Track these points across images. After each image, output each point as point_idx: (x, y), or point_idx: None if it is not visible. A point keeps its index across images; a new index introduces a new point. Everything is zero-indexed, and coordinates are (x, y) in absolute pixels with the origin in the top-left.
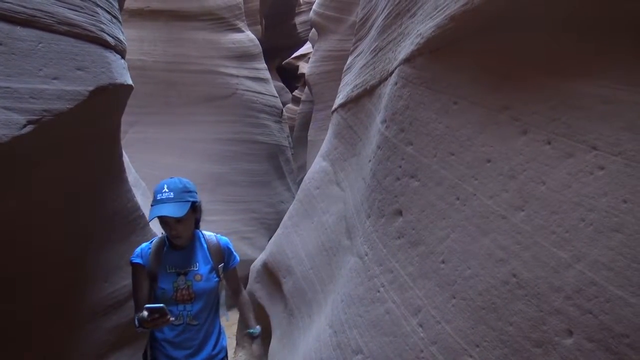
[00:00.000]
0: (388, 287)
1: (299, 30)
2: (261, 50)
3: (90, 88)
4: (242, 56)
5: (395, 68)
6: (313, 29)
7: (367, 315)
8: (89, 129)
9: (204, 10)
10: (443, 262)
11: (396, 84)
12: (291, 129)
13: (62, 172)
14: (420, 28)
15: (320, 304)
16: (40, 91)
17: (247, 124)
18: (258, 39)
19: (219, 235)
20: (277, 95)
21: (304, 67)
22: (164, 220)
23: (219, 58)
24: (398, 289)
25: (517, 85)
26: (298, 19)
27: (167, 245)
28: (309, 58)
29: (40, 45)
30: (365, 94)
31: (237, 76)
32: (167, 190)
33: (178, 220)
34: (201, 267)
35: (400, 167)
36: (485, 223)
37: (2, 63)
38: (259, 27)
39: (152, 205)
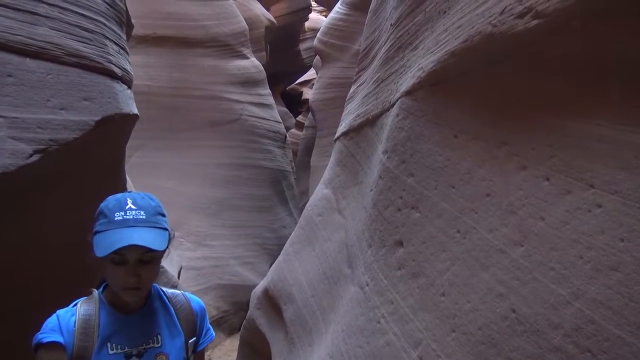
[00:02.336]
0: (389, 319)
1: (303, 57)
2: (265, 76)
3: (97, 118)
4: (247, 82)
5: (397, 100)
6: (317, 56)
7: (367, 347)
8: (94, 158)
9: (210, 37)
10: (443, 294)
11: (398, 115)
12: (294, 153)
13: (65, 201)
14: (422, 62)
15: (320, 333)
16: (47, 121)
17: (251, 149)
18: (263, 65)
19: (188, 293)
20: (280, 120)
21: (308, 93)
22: (121, 260)
23: (224, 84)
24: (399, 320)
25: (515, 122)
26: (302, 45)
27: (108, 308)
28: (313, 84)
29: (49, 76)
30: (367, 124)
31: (242, 102)
32: (134, 208)
33: (147, 260)
34: (166, 342)
35: (401, 198)
36: (485, 257)
37: (12, 94)
38: (263, 53)
39: (104, 230)
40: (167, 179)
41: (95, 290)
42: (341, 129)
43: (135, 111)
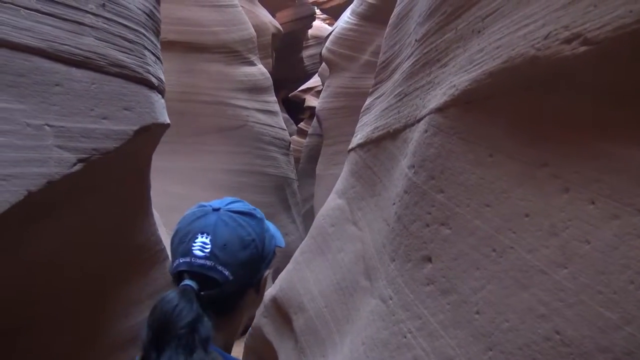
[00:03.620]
0: (416, 334)
1: (306, 64)
2: (272, 83)
3: (135, 128)
4: (254, 89)
5: (425, 116)
6: (323, 64)
7: None
8: (125, 166)
9: (219, 43)
10: (478, 312)
11: (426, 131)
12: (296, 160)
13: (94, 210)
14: (454, 80)
15: (335, 344)
16: (90, 130)
17: (256, 155)
18: (268, 72)
19: None
20: (285, 128)
21: (311, 100)
22: None
23: (231, 90)
24: (427, 336)
25: (556, 143)
26: (305, 53)
27: None
28: (316, 91)
29: (93, 86)
30: (387, 137)
31: (248, 108)
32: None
33: None
34: None
35: (429, 213)
36: (525, 277)
37: (59, 103)
38: (270, 60)
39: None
40: (173, 183)
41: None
42: (356, 140)
43: (168, 120)
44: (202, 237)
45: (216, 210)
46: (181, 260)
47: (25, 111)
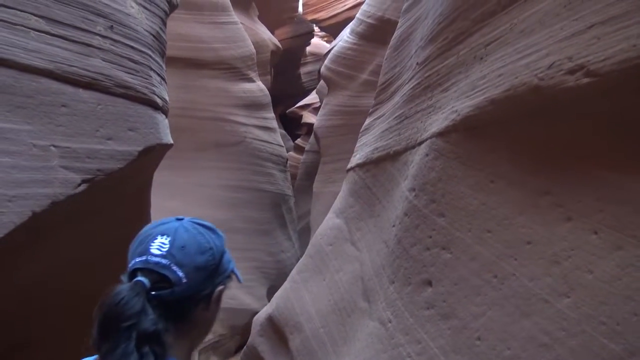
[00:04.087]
0: (416, 358)
1: (304, 80)
2: (270, 99)
3: (140, 148)
4: (252, 105)
5: (426, 139)
6: (321, 81)
7: None
8: (129, 186)
9: (219, 59)
10: (479, 339)
11: (427, 155)
12: (293, 177)
13: (94, 231)
14: (456, 105)
15: None
16: (96, 151)
17: (253, 172)
18: (267, 88)
19: None
20: (283, 144)
21: (308, 117)
22: None
23: (230, 106)
24: None
25: (559, 172)
26: (303, 69)
27: None
28: (313, 108)
29: (99, 107)
30: (387, 158)
31: (246, 124)
32: None
33: None
34: None
35: (430, 237)
36: (527, 305)
37: (65, 124)
38: (268, 77)
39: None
40: (169, 198)
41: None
42: (355, 160)
43: (171, 141)
44: (161, 238)
45: (179, 219)
46: (137, 259)
47: (32, 132)
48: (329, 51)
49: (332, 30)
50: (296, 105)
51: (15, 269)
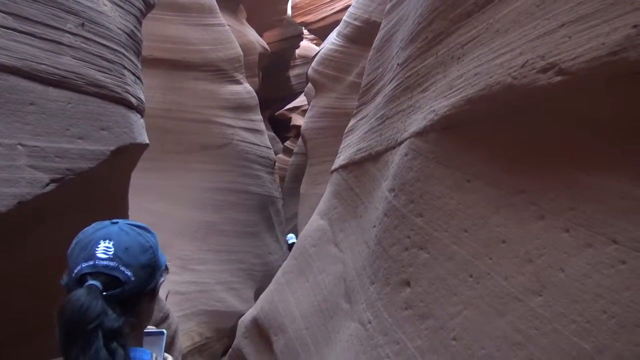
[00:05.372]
0: (394, 359)
1: (293, 83)
2: (258, 102)
3: (112, 148)
4: (239, 107)
5: (405, 139)
6: (309, 84)
7: None
8: (104, 186)
9: (205, 61)
10: (454, 339)
11: (406, 155)
12: (282, 179)
13: (72, 230)
14: (434, 105)
15: None
16: (65, 150)
17: (241, 174)
18: (255, 91)
19: None
20: (270, 146)
21: (297, 119)
22: None
23: (217, 108)
24: None
25: (532, 170)
26: (292, 72)
27: None
28: (302, 110)
29: (69, 105)
30: (369, 159)
31: (233, 127)
32: None
33: None
34: None
35: (409, 237)
36: (501, 304)
37: (32, 122)
38: (256, 79)
39: None
40: (154, 201)
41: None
42: (339, 161)
43: (147, 141)
44: (104, 242)
45: (115, 223)
46: (84, 265)
47: None
48: (317, 54)
49: (320, 33)
50: (285, 108)
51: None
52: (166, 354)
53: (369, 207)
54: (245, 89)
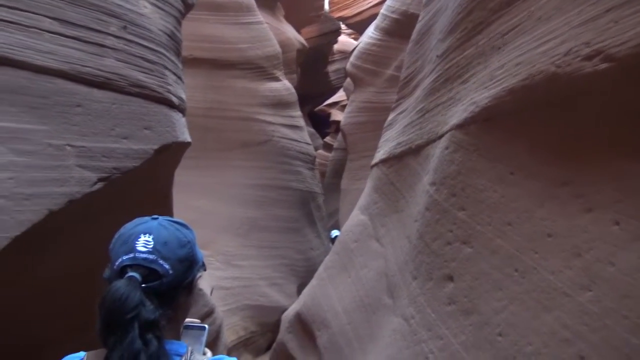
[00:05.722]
0: (438, 355)
1: (332, 78)
2: (297, 98)
3: (155, 147)
4: (279, 104)
5: (446, 132)
6: (348, 79)
7: None
8: (148, 184)
9: (244, 59)
10: (500, 334)
11: (447, 148)
12: (322, 174)
13: (119, 227)
14: (475, 96)
15: None
16: (111, 150)
17: (281, 170)
18: (293, 87)
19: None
20: (310, 142)
21: (336, 114)
22: None
23: (256, 105)
24: (449, 357)
25: (577, 162)
26: (331, 67)
27: None
28: (342, 105)
29: (113, 106)
30: (410, 153)
31: (273, 123)
32: None
33: None
34: None
35: (451, 231)
36: (548, 299)
37: (79, 123)
38: (294, 76)
39: None
40: (198, 198)
41: None
42: (379, 155)
43: (189, 139)
44: (144, 236)
45: (155, 219)
46: (124, 257)
47: (47, 132)
48: (355, 48)
49: (358, 27)
50: (324, 103)
51: (34, 266)
52: (206, 349)
53: (410, 202)
54: (284, 86)
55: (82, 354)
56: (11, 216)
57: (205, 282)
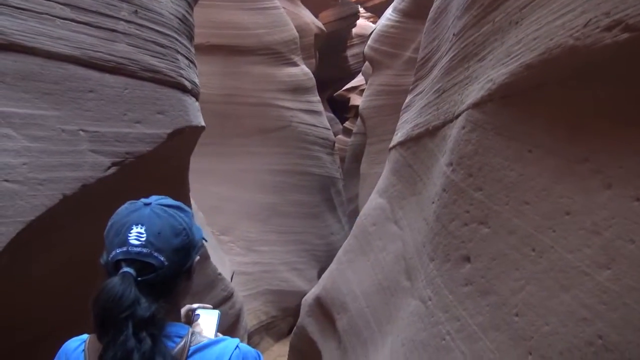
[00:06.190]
0: (455, 336)
1: (351, 63)
2: (315, 83)
3: (169, 131)
4: (297, 89)
5: (463, 111)
6: (367, 63)
7: None
8: (163, 168)
9: (261, 45)
10: (517, 315)
11: (464, 127)
12: (342, 159)
13: None
14: (491, 73)
15: (376, 345)
16: (124, 134)
17: (300, 155)
18: (311, 72)
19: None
20: (329, 127)
21: (355, 99)
22: None
23: (274, 91)
24: (466, 338)
25: (596, 138)
26: (350, 52)
27: None
28: (361, 90)
29: (126, 91)
30: (427, 134)
31: (292, 109)
32: None
33: None
34: None
35: (468, 212)
36: (566, 278)
37: (92, 109)
38: (313, 60)
39: None
40: (217, 184)
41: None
42: (397, 138)
43: (203, 123)
44: (137, 227)
45: (147, 204)
46: (118, 251)
47: (60, 117)
48: (373, 31)
49: (376, 10)
50: (343, 88)
51: (47, 250)
52: (219, 333)
53: (427, 184)
54: (302, 71)
55: (84, 336)
56: (26, 201)
57: (226, 267)
